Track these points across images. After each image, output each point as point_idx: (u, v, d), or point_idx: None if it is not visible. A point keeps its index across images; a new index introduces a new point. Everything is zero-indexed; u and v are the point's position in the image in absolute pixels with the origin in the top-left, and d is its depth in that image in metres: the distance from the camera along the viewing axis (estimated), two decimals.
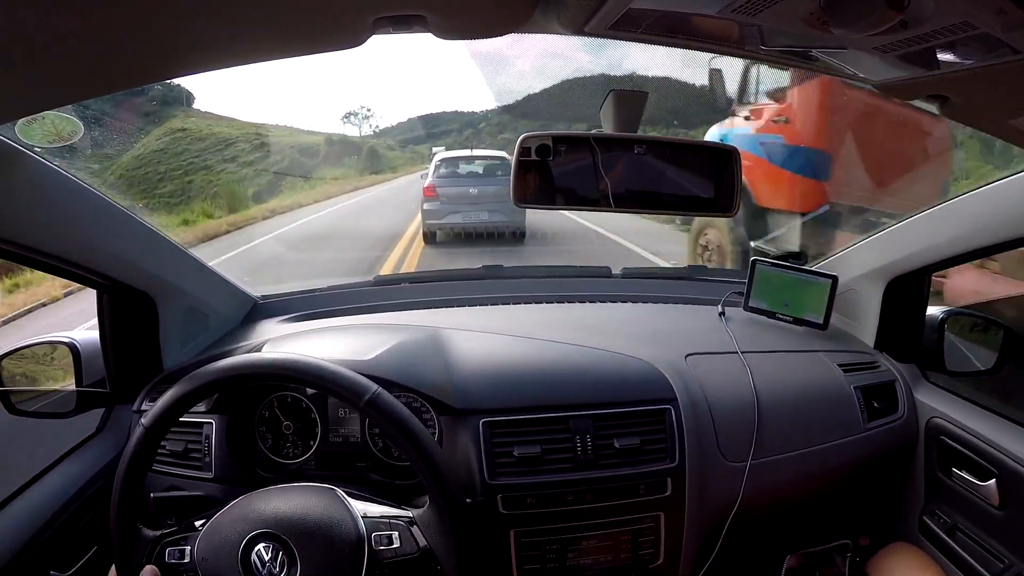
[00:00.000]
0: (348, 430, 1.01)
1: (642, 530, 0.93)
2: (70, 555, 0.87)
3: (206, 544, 0.73)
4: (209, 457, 0.95)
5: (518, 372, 0.99)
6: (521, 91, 21.93)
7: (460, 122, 23.11)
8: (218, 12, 0.43)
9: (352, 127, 23.06)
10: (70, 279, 0.89)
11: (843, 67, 0.57)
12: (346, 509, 0.74)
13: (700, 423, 0.98)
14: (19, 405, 0.96)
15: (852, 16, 0.41)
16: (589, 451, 0.92)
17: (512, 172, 0.78)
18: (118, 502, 0.74)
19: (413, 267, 5.66)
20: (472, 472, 0.90)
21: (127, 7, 0.40)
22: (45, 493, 0.86)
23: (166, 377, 1.02)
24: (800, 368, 1.12)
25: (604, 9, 0.45)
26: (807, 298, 1.23)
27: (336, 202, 13.40)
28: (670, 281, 1.49)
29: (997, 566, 0.95)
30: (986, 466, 0.98)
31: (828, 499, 1.15)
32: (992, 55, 0.46)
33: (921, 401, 1.12)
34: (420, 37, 0.53)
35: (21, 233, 0.73)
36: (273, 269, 5.99)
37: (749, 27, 0.50)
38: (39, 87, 0.51)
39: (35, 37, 0.41)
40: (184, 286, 1.07)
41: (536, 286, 1.42)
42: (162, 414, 0.74)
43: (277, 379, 0.78)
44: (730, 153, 0.80)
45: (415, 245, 6.47)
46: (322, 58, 0.55)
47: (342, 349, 0.99)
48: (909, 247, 1.08)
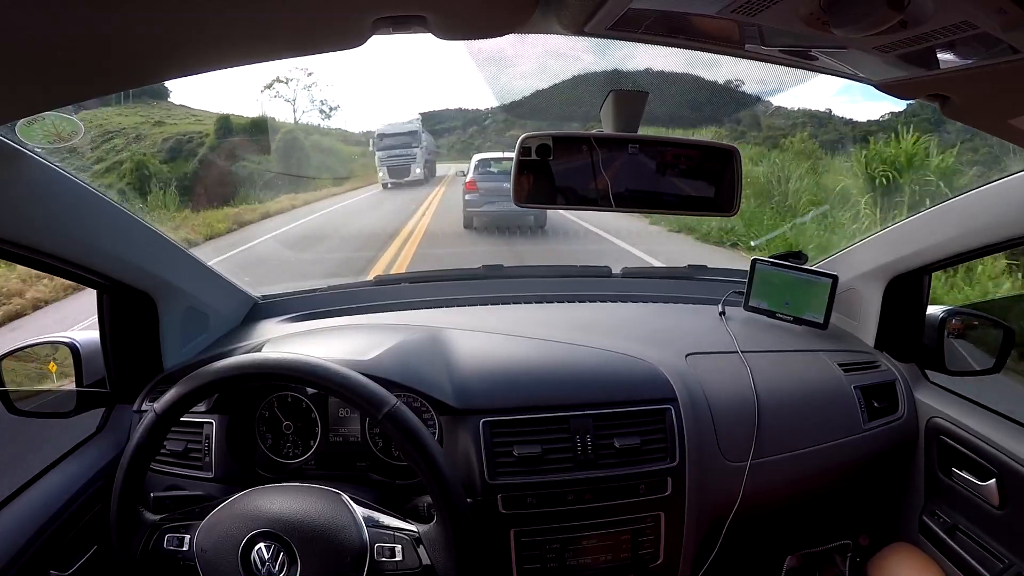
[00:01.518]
0: (348, 430, 1.01)
1: (642, 530, 0.94)
2: (70, 554, 0.87)
3: (206, 536, 0.73)
4: (209, 457, 0.95)
5: (518, 372, 0.99)
6: (526, 89, 21.84)
7: (464, 119, 23.01)
8: (218, 13, 0.43)
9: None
10: (70, 279, 0.89)
11: (843, 67, 0.57)
12: (351, 515, 0.74)
13: (700, 423, 0.98)
14: (19, 405, 0.96)
15: (852, 16, 0.41)
16: (589, 451, 0.92)
17: (512, 172, 0.78)
18: (122, 482, 0.75)
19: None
20: (472, 472, 0.90)
21: (127, 8, 0.40)
22: (45, 493, 0.86)
23: (166, 377, 1.02)
24: (800, 368, 1.12)
25: (604, 9, 0.45)
26: (807, 298, 1.23)
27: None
28: (670, 281, 1.49)
29: (997, 566, 0.95)
30: (986, 466, 0.98)
31: (828, 499, 1.16)
32: (992, 55, 0.46)
33: (921, 401, 1.12)
34: (422, 37, 0.53)
35: (21, 233, 0.73)
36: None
37: (749, 27, 0.50)
38: (39, 87, 0.51)
39: (35, 38, 0.41)
40: (184, 286, 1.07)
41: (536, 286, 1.42)
42: (176, 402, 0.75)
43: (298, 381, 0.78)
44: (731, 153, 0.80)
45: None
46: (322, 57, 0.55)
47: (342, 349, 0.99)
48: (909, 246, 1.08)
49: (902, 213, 5.66)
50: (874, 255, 1.18)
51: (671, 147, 0.80)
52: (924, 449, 1.11)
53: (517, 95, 14.65)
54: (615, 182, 0.78)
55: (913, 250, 1.08)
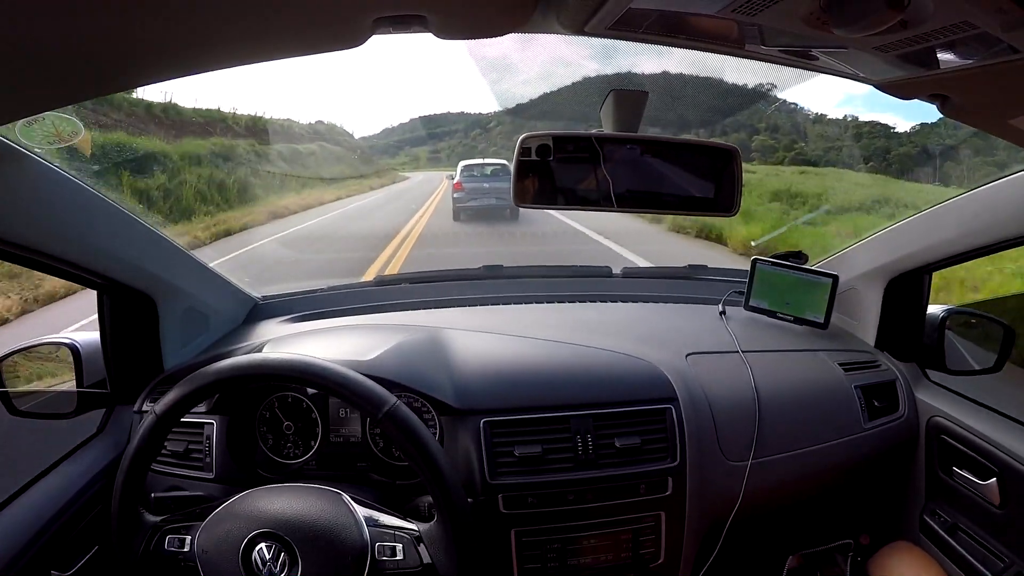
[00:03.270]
0: (349, 430, 1.01)
1: (643, 529, 0.94)
2: (71, 555, 0.87)
3: (207, 537, 0.73)
4: (210, 457, 0.95)
5: (519, 372, 0.99)
6: (529, 94, 21.56)
7: (466, 122, 23.06)
8: (218, 13, 0.43)
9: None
10: (70, 279, 0.89)
11: (843, 67, 0.57)
12: (351, 515, 0.74)
13: (701, 422, 0.98)
14: (20, 405, 0.96)
15: (852, 16, 0.41)
16: (590, 450, 0.92)
17: (512, 172, 0.78)
18: (122, 485, 0.74)
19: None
20: (473, 472, 0.90)
21: (127, 8, 0.40)
22: (46, 493, 0.87)
23: (167, 378, 1.02)
24: (801, 367, 1.12)
25: (604, 9, 0.45)
26: (808, 297, 1.23)
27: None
28: (670, 281, 1.49)
29: (997, 565, 0.95)
30: (987, 465, 0.98)
31: (829, 498, 1.16)
32: (992, 55, 0.46)
33: (922, 400, 1.12)
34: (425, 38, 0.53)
35: (21, 233, 0.73)
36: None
37: (749, 27, 0.50)
38: (39, 87, 0.51)
39: (35, 38, 0.41)
40: (184, 286, 1.07)
41: (536, 286, 1.42)
42: (175, 404, 0.75)
43: (297, 381, 0.78)
44: (731, 153, 0.80)
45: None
46: (322, 57, 0.55)
47: (343, 349, 0.99)
48: (909, 246, 1.08)
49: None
50: (874, 255, 1.18)
51: (671, 147, 0.80)
52: (925, 448, 1.11)
53: (520, 99, 14.69)
54: (616, 182, 0.78)
55: (913, 250, 1.08)
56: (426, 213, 10.97)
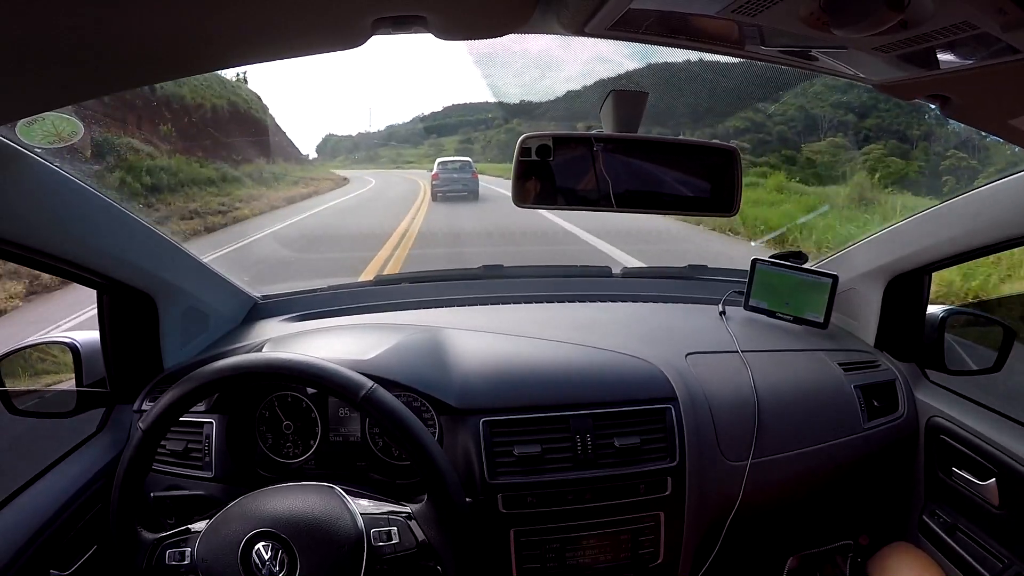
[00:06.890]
0: (348, 429, 1.01)
1: (642, 529, 0.94)
2: (70, 554, 0.87)
3: (206, 545, 0.73)
4: (209, 457, 0.95)
5: (518, 371, 0.99)
6: (527, 93, 21.65)
7: (473, 120, 23.27)
8: (218, 13, 0.43)
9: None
10: (70, 279, 0.89)
11: (843, 67, 0.57)
12: (344, 506, 0.75)
13: (700, 422, 0.98)
14: (19, 405, 0.96)
15: (852, 16, 0.41)
16: (589, 450, 0.92)
17: (512, 173, 0.78)
18: (117, 505, 0.75)
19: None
20: (472, 471, 0.90)
21: (127, 8, 0.40)
22: (45, 492, 0.87)
23: (166, 377, 1.02)
24: (800, 367, 1.12)
25: (604, 9, 0.45)
26: (807, 297, 1.23)
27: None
28: (670, 280, 1.49)
29: (997, 566, 0.95)
30: (986, 465, 0.98)
31: (828, 498, 1.16)
32: (992, 55, 0.46)
33: (921, 400, 1.12)
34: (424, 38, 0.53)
35: (21, 233, 0.73)
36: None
37: (749, 27, 0.50)
38: (39, 87, 0.51)
39: (35, 38, 0.41)
40: (184, 286, 1.07)
41: (536, 285, 1.42)
42: (159, 416, 0.75)
43: (274, 378, 0.79)
44: (731, 153, 0.80)
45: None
46: (323, 58, 0.55)
47: (342, 349, 0.99)
48: (909, 246, 1.08)
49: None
50: (874, 255, 1.18)
51: (671, 147, 0.80)
52: (924, 448, 1.11)
53: (518, 98, 15.49)
54: (616, 182, 0.78)
55: (913, 250, 1.08)
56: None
